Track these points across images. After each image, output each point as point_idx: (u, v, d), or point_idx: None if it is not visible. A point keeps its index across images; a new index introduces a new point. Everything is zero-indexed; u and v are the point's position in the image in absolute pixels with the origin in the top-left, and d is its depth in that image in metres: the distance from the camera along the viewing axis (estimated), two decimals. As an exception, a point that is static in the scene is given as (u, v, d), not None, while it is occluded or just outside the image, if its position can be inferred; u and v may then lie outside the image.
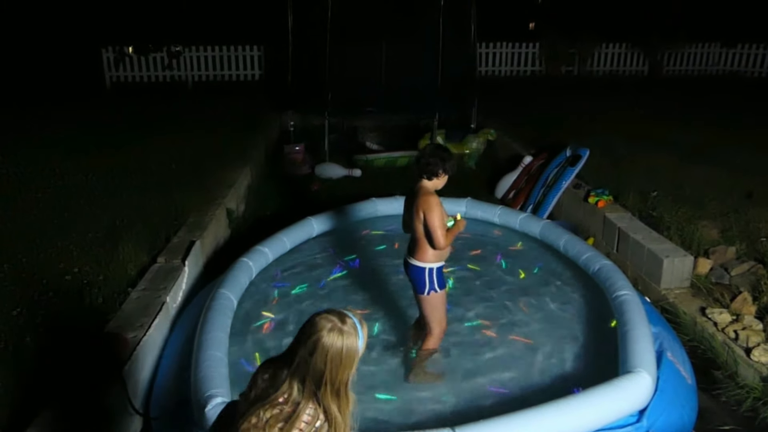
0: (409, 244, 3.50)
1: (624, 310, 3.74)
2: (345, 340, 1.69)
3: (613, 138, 7.53)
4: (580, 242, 4.93)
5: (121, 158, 6.92)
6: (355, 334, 1.72)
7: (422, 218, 3.29)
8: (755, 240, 5.02)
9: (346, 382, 1.71)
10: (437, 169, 3.33)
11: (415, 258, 3.42)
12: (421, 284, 3.42)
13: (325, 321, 1.71)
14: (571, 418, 2.90)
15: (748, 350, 3.87)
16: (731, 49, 14.09)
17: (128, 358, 3.33)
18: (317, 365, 1.67)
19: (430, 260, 3.38)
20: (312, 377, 1.68)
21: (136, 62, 12.76)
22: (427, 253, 3.37)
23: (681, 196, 5.85)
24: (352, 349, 1.70)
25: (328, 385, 1.68)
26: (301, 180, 7.84)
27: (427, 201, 3.28)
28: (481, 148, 8.54)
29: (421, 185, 3.38)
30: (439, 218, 3.26)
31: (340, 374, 1.69)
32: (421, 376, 3.52)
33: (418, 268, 3.41)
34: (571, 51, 13.95)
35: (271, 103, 10.38)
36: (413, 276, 3.46)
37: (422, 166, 3.36)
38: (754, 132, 7.98)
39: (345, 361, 1.69)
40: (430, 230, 3.26)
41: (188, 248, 4.71)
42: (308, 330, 1.71)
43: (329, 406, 1.69)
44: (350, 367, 1.71)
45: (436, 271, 3.41)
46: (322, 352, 1.67)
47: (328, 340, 1.67)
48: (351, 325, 1.72)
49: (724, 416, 3.63)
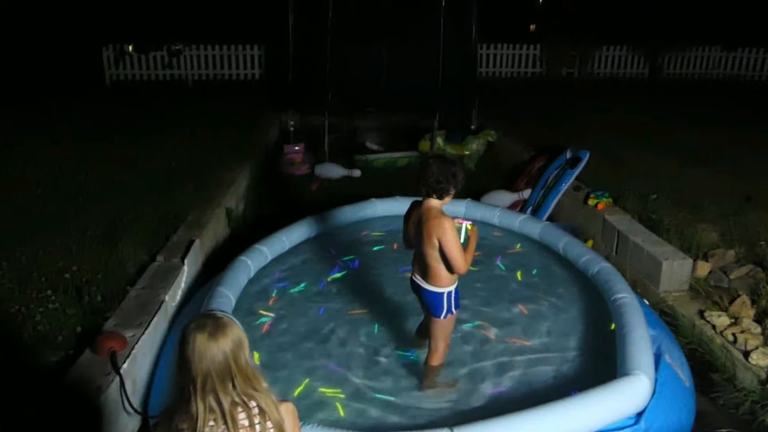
0: (419, 266, 3.27)
1: (622, 312, 3.74)
2: (226, 329, 1.70)
3: (613, 140, 7.54)
4: (579, 244, 4.93)
5: (120, 156, 6.93)
6: (229, 319, 1.74)
7: (436, 244, 3.04)
8: (754, 243, 5.02)
9: (248, 362, 1.73)
10: (449, 188, 3.10)
11: (430, 283, 3.19)
12: (438, 309, 3.23)
13: (196, 328, 1.70)
14: (568, 420, 2.90)
15: (747, 353, 3.87)
16: (731, 53, 14.11)
17: (127, 357, 3.32)
18: (220, 368, 1.67)
19: (446, 284, 3.18)
20: (220, 380, 1.67)
21: (136, 60, 12.76)
22: (442, 277, 3.15)
23: (681, 199, 5.86)
24: (236, 332, 1.72)
25: (237, 375, 1.69)
26: (300, 180, 7.84)
27: (441, 225, 3.02)
28: (481, 150, 8.54)
29: (430, 205, 3.13)
30: (457, 243, 3.02)
31: (242, 357, 1.71)
32: (435, 388, 3.46)
33: (436, 294, 3.20)
34: (572, 53, 13.97)
35: (271, 103, 10.38)
36: (430, 301, 3.25)
37: (432, 185, 3.08)
38: (753, 136, 8.00)
39: (238, 344, 1.71)
40: (449, 258, 3.03)
41: (187, 247, 4.71)
42: (187, 345, 1.69)
43: (251, 394, 1.71)
44: (245, 348, 1.73)
45: (454, 293, 3.24)
46: (217, 352, 1.67)
47: (213, 340, 1.68)
48: (221, 315, 1.74)
49: (721, 419, 3.63)
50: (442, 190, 3.09)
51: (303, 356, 3.76)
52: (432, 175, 3.07)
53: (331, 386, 3.48)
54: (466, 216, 5.51)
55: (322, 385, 3.48)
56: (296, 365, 3.66)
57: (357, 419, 3.22)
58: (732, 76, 14.00)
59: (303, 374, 3.57)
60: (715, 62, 14.28)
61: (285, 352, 3.77)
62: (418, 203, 3.25)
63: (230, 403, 1.69)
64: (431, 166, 3.10)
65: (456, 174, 3.10)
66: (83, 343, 3.43)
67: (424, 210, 3.15)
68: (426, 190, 3.12)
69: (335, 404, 3.33)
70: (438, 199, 3.12)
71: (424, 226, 3.10)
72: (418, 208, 3.22)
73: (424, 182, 3.10)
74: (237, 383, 1.69)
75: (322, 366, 3.67)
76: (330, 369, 3.65)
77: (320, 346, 3.86)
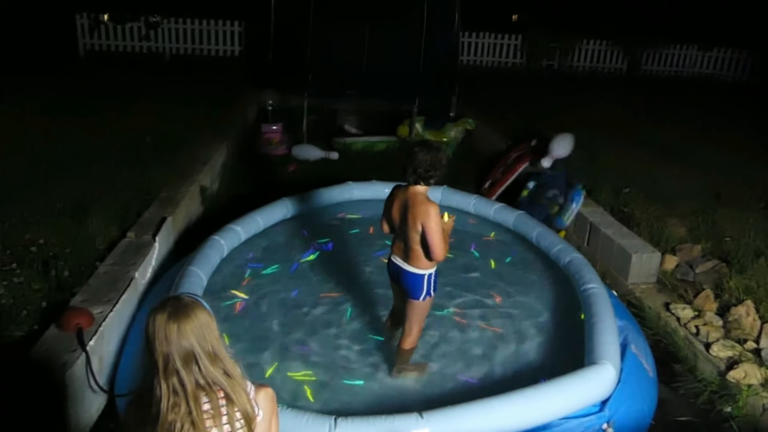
0: (400, 249, 3.30)
1: (591, 303, 3.81)
2: (190, 312, 1.68)
3: (590, 133, 7.62)
4: (552, 234, 4.99)
5: (92, 128, 6.76)
6: (197, 302, 1.72)
7: (420, 230, 3.08)
8: (720, 239, 5.15)
9: (217, 344, 1.70)
10: (434, 175, 3.12)
11: (412, 265, 3.23)
12: (417, 290, 3.27)
13: (160, 310, 1.69)
14: (536, 407, 2.95)
15: (708, 345, 3.99)
16: (707, 52, 14.33)
17: (94, 334, 3.27)
18: (183, 347, 1.65)
19: (427, 266, 3.22)
20: (183, 363, 1.65)
21: (112, 31, 12.42)
22: (423, 259, 3.19)
23: (652, 194, 5.97)
24: (203, 315, 1.69)
25: (203, 357, 1.66)
26: (277, 160, 7.76)
27: (427, 211, 3.05)
28: (459, 137, 8.55)
29: (416, 191, 3.15)
30: (440, 231, 3.06)
31: (209, 340, 1.68)
32: (406, 371, 3.48)
33: (416, 275, 3.24)
34: (553, 45, 14.03)
35: (250, 81, 10.23)
36: (409, 282, 3.28)
37: (421, 173, 3.10)
38: (725, 135, 8.16)
39: (205, 327, 1.68)
40: (430, 243, 3.07)
41: (159, 224, 4.64)
42: (152, 327, 1.68)
43: (216, 377, 1.68)
44: (212, 331, 1.70)
45: (434, 276, 3.29)
46: (180, 335, 1.65)
47: (175, 322, 1.66)
48: (187, 298, 1.72)
49: (682, 408, 3.74)
50: (430, 177, 3.13)
51: (274, 338, 3.74)
52: (421, 164, 3.09)
53: (301, 369, 3.48)
54: (442, 203, 5.54)
55: (293, 368, 3.48)
56: (267, 347, 3.64)
57: (327, 403, 3.23)
58: (707, 75, 14.24)
59: (273, 356, 3.56)
60: (691, 60, 14.49)
61: (256, 334, 3.75)
62: (402, 187, 3.26)
63: (194, 385, 1.67)
64: (418, 155, 3.11)
65: (443, 160, 3.14)
66: (49, 319, 3.37)
67: (410, 195, 3.17)
68: (414, 178, 3.13)
69: (305, 387, 3.33)
70: (424, 185, 3.16)
71: (410, 212, 3.12)
72: (403, 193, 3.23)
73: (413, 170, 3.11)
74: (202, 366, 1.66)
75: (292, 348, 3.66)
76: (301, 352, 3.65)
77: (292, 329, 3.85)
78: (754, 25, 13.82)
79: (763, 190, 6.24)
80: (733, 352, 3.87)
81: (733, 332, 4.05)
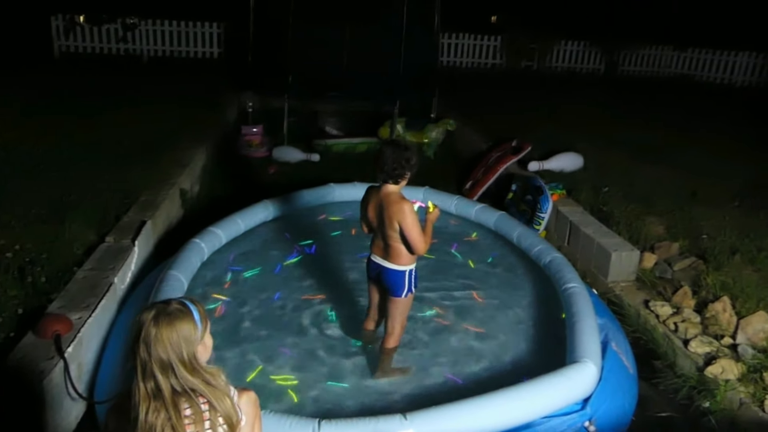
0: (380, 247, 3.32)
1: (572, 302, 3.85)
2: (175, 320, 1.67)
3: (569, 133, 7.70)
4: (532, 234, 5.03)
5: (69, 132, 6.66)
6: (186, 311, 1.71)
7: (397, 228, 3.12)
8: (697, 237, 5.23)
9: (194, 356, 1.69)
10: (404, 173, 3.17)
11: (392, 262, 3.26)
12: (399, 288, 3.30)
13: (148, 312, 1.69)
14: (519, 406, 2.97)
15: (686, 341, 4.05)
16: (683, 53, 14.57)
17: (72, 340, 3.22)
18: (160, 356, 1.64)
19: (407, 263, 3.26)
20: (160, 369, 1.65)
21: (88, 32, 12.25)
22: (403, 256, 3.23)
23: (631, 193, 6.04)
24: (186, 326, 1.68)
25: (180, 366, 1.66)
26: (258, 162, 7.71)
27: (401, 210, 3.10)
28: (440, 138, 8.58)
29: (388, 190, 3.20)
30: (417, 226, 3.11)
31: (186, 353, 1.67)
32: (389, 373, 3.47)
33: (397, 272, 3.27)
34: (532, 46, 14.16)
35: (230, 83, 10.16)
36: (390, 280, 3.30)
37: (388, 171, 3.14)
38: (700, 134, 8.30)
39: (184, 338, 1.67)
40: (410, 239, 3.12)
41: (139, 228, 4.58)
42: (137, 327, 1.68)
43: (195, 384, 1.68)
44: (192, 343, 1.69)
45: (414, 272, 3.32)
46: (157, 341, 1.65)
47: (156, 327, 1.65)
48: (177, 304, 1.71)
49: (662, 404, 3.79)
50: (398, 175, 3.16)
51: (257, 341, 3.72)
52: (387, 162, 3.14)
53: (284, 372, 3.46)
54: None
55: (276, 371, 3.46)
56: (250, 350, 3.62)
57: (310, 405, 3.22)
58: (683, 76, 14.47)
59: (256, 360, 3.54)
60: (667, 61, 14.72)
61: (238, 337, 3.72)
62: (376, 188, 3.31)
63: (171, 391, 1.66)
64: (385, 153, 3.16)
65: (410, 158, 3.16)
66: (26, 326, 3.30)
67: (383, 195, 3.21)
68: (383, 177, 3.19)
69: (288, 390, 3.31)
70: (395, 184, 3.19)
71: (385, 211, 3.16)
72: (377, 193, 3.27)
73: (380, 169, 3.17)
74: (178, 374, 1.66)
75: (276, 351, 3.64)
76: (284, 355, 3.63)
77: (274, 332, 3.83)
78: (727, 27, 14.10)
79: (737, 188, 6.36)
80: (711, 347, 3.94)
81: (711, 328, 4.12)
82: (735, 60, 14.02)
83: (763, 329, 3.96)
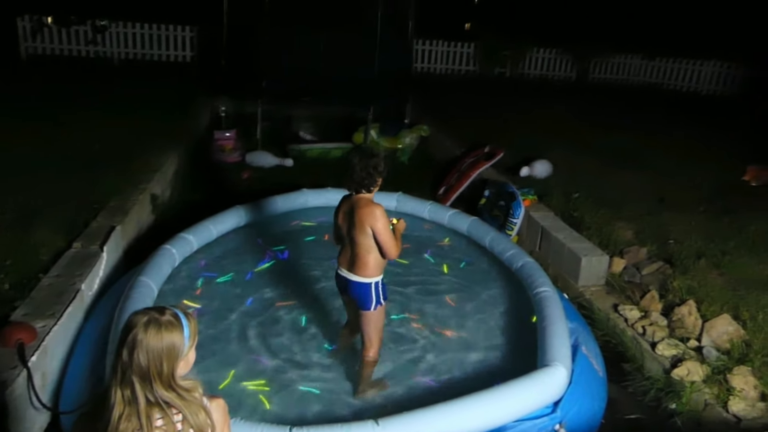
0: (347, 259, 3.26)
1: (543, 306, 3.90)
2: (163, 331, 1.66)
3: (540, 139, 7.81)
4: (504, 240, 5.08)
5: (35, 135, 6.50)
6: (177, 324, 1.69)
7: (369, 232, 3.09)
8: (664, 242, 5.34)
9: (172, 373, 1.67)
10: (374, 181, 3.15)
11: (357, 274, 3.20)
12: (367, 300, 3.23)
13: (141, 316, 1.68)
14: (490, 410, 2.99)
15: (654, 344, 4.13)
16: (651, 62, 14.91)
17: (36, 349, 3.14)
18: (140, 363, 1.63)
19: (373, 274, 3.20)
20: (139, 377, 1.63)
21: (56, 34, 12.00)
22: (369, 267, 3.17)
23: (601, 198, 6.15)
24: (172, 340, 1.67)
25: (157, 379, 1.64)
26: (231, 167, 7.65)
27: (373, 213, 3.08)
28: (414, 144, 8.63)
29: (359, 197, 3.18)
30: (388, 229, 3.10)
31: (166, 366, 1.65)
32: (369, 390, 3.40)
33: (363, 285, 3.21)
34: (504, 53, 14.33)
35: (203, 87, 10.06)
36: (358, 293, 3.24)
37: (357, 181, 3.13)
38: (667, 140, 8.49)
39: (166, 352, 1.65)
40: (381, 243, 3.09)
41: (108, 233, 4.50)
42: (126, 330, 1.67)
43: (170, 399, 1.67)
44: (174, 359, 1.67)
45: (381, 284, 3.25)
46: (141, 348, 1.63)
47: (144, 333, 1.64)
48: (171, 315, 1.70)
49: (631, 406, 3.86)
50: (369, 184, 3.15)
51: (228, 348, 3.68)
52: (355, 172, 3.12)
53: (256, 378, 3.43)
54: (397, 209, 5.58)
55: (248, 378, 3.43)
56: (222, 357, 3.58)
57: (282, 412, 3.20)
58: (651, 84, 14.80)
59: (229, 366, 3.50)
60: (636, 69, 15.04)
61: (210, 344, 3.68)
62: (348, 197, 3.29)
63: (146, 401, 1.64)
64: (353, 163, 3.14)
65: (377, 165, 3.14)
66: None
67: (354, 200, 3.20)
68: (354, 187, 3.17)
69: (260, 397, 3.29)
70: (367, 192, 3.18)
71: (356, 215, 3.13)
72: (348, 201, 3.26)
73: (350, 180, 3.15)
74: (155, 386, 1.64)
75: (248, 358, 3.61)
76: (256, 361, 3.59)
77: (246, 338, 3.80)
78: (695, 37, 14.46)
79: (703, 193, 6.52)
80: (677, 350, 4.02)
81: (677, 331, 4.21)
82: (701, 69, 14.39)
83: (727, 332, 4.05)
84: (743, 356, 3.84)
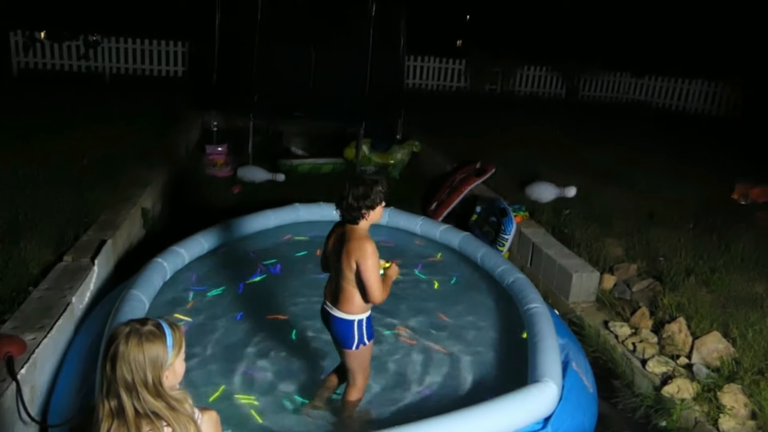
0: (331, 290, 3.04)
1: (534, 322, 3.91)
2: (144, 342, 1.66)
3: (531, 156, 7.88)
4: (496, 255, 5.11)
5: (28, 150, 6.48)
6: (159, 334, 1.70)
7: (354, 267, 2.84)
8: (654, 258, 5.39)
9: (158, 382, 1.67)
10: (359, 214, 2.90)
11: (340, 309, 2.96)
12: (348, 339, 2.99)
13: (123, 327, 1.69)
14: (481, 426, 2.98)
15: (644, 361, 4.14)
16: (640, 80, 15.14)
17: (25, 362, 3.11)
18: (124, 375, 1.63)
19: (357, 311, 2.96)
20: (124, 389, 1.63)
21: (48, 49, 12.01)
22: (353, 303, 2.93)
23: (591, 215, 6.20)
24: (155, 350, 1.67)
25: (143, 389, 1.64)
26: (222, 182, 7.65)
27: (362, 248, 2.82)
28: (405, 159, 8.67)
29: (352, 227, 2.95)
30: (376, 270, 2.84)
31: (150, 376, 1.65)
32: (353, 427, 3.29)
33: (344, 321, 2.97)
34: (495, 70, 14.50)
35: (194, 102, 10.07)
36: (338, 330, 3.01)
37: (344, 210, 2.91)
38: (657, 157, 8.60)
39: (150, 362, 1.66)
40: (366, 283, 2.83)
41: (98, 247, 4.48)
42: (108, 342, 1.68)
43: (159, 409, 1.66)
44: (159, 369, 1.67)
45: (366, 322, 3.01)
46: (123, 360, 1.64)
47: (125, 345, 1.65)
48: (152, 326, 1.70)
49: (621, 423, 3.86)
50: (355, 216, 2.92)
51: (219, 362, 3.66)
52: (344, 204, 2.91)
53: (247, 392, 3.42)
54: (389, 224, 5.59)
55: (239, 391, 3.41)
56: (212, 371, 3.56)
57: (273, 426, 3.18)
58: (639, 102, 15.02)
59: (219, 380, 3.48)
60: (625, 87, 15.27)
61: (201, 357, 3.66)
62: (342, 224, 3.06)
63: (134, 412, 1.63)
64: (347, 191, 2.93)
65: (365, 195, 2.90)
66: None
67: (347, 229, 2.98)
68: (343, 216, 2.98)
69: (251, 411, 3.27)
70: (353, 224, 2.96)
71: (345, 246, 2.92)
72: (341, 227, 3.05)
73: (339, 208, 2.96)
74: (141, 397, 1.64)
75: (238, 372, 3.59)
76: (247, 375, 3.58)
77: (237, 352, 3.78)
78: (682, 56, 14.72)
79: (691, 210, 6.59)
80: (667, 367, 4.03)
81: (667, 348, 4.23)
82: (689, 88, 14.63)
83: (717, 349, 4.08)
84: (733, 374, 3.86)
